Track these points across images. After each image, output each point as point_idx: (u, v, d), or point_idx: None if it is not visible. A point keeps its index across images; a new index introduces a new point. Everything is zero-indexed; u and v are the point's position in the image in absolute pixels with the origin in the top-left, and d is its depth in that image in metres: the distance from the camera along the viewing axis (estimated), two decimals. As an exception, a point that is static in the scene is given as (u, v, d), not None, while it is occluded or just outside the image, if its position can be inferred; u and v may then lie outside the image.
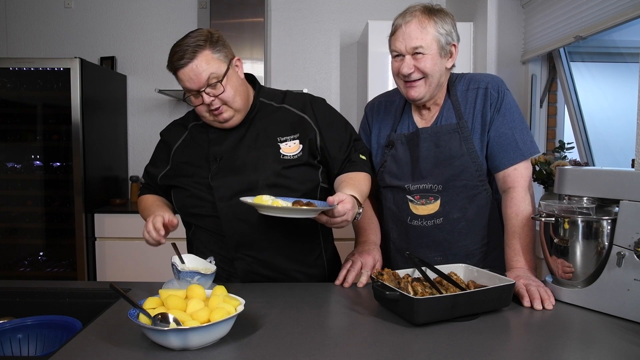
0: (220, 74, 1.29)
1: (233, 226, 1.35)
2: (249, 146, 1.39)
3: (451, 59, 1.39)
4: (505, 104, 1.39)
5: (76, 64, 2.92)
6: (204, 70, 1.28)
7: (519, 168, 1.38)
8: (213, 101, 1.30)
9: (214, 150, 1.39)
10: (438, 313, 1.05)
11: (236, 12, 3.29)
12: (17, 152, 3.16)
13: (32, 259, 3.20)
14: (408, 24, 1.34)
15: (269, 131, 1.40)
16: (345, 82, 3.64)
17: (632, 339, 0.98)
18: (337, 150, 1.43)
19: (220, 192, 1.35)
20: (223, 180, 1.36)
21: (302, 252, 1.43)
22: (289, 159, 1.37)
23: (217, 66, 1.29)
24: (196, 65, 1.28)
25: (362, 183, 1.39)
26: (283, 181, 1.36)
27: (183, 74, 1.30)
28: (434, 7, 1.37)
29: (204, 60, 1.28)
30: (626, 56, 2.51)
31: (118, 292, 1.00)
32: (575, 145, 2.50)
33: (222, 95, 1.30)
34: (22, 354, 1.14)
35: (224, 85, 1.30)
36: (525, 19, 2.84)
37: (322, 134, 1.41)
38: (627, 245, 1.08)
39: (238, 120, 1.38)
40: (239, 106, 1.35)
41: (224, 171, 1.37)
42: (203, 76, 1.28)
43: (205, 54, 1.28)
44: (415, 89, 1.38)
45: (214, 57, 1.29)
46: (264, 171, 1.36)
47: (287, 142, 1.39)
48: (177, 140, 1.48)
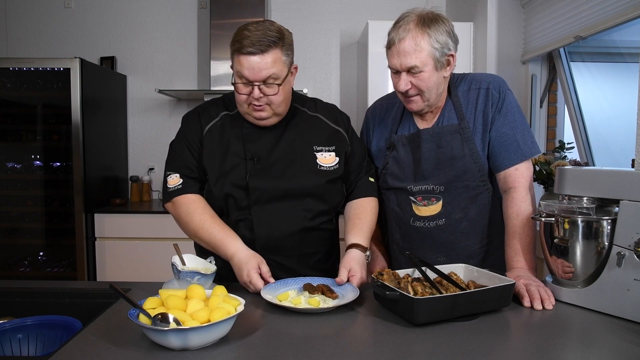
0: (281, 77, 1.28)
1: (264, 230, 1.35)
2: (285, 150, 1.38)
3: (449, 67, 1.37)
4: (506, 104, 1.39)
5: (76, 64, 2.92)
6: (268, 68, 1.25)
7: (520, 168, 1.38)
8: (261, 98, 1.28)
9: (250, 147, 1.37)
10: (438, 313, 1.05)
11: (236, 12, 3.29)
12: (17, 152, 3.16)
13: (32, 259, 3.19)
14: (402, 41, 1.31)
15: (305, 138, 1.41)
16: (345, 82, 3.64)
17: (632, 339, 0.98)
18: (357, 167, 1.48)
19: (256, 196, 1.34)
20: (261, 183, 1.34)
21: (322, 260, 1.46)
22: (327, 170, 1.39)
23: (280, 69, 1.27)
24: (264, 60, 1.24)
25: (369, 219, 1.42)
26: (320, 192, 1.39)
27: (247, 61, 1.25)
28: (429, 16, 1.33)
29: (272, 58, 1.25)
30: (626, 56, 2.51)
31: (118, 292, 1.00)
32: (575, 145, 2.50)
33: (273, 97, 1.29)
34: (22, 354, 1.14)
35: (280, 89, 1.29)
36: (525, 19, 2.84)
37: (353, 150, 1.47)
38: (627, 245, 1.08)
39: (273, 122, 1.37)
40: (281, 111, 1.36)
41: (260, 173, 1.35)
42: (264, 73, 1.25)
43: (276, 53, 1.26)
44: (413, 104, 1.39)
45: (282, 59, 1.28)
46: (300, 180, 1.37)
47: (322, 152, 1.40)
48: (209, 123, 1.41)
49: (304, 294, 1.22)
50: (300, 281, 1.29)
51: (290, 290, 1.25)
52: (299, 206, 1.37)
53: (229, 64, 3.52)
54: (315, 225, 1.40)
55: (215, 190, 1.36)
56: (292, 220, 1.37)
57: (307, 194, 1.37)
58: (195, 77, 3.60)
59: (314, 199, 1.38)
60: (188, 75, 3.61)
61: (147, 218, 3.05)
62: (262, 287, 1.22)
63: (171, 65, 3.62)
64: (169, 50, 3.61)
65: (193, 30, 3.60)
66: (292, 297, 1.21)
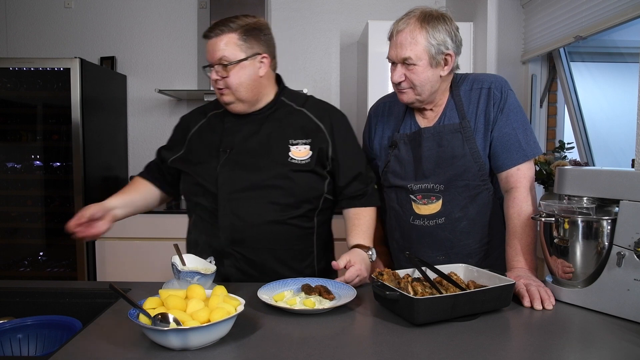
0: (232, 60, 1.35)
1: (230, 220, 1.37)
2: (260, 142, 1.41)
3: (446, 67, 1.37)
4: (508, 104, 1.39)
5: (76, 64, 2.92)
6: (219, 50, 1.34)
7: (522, 168, 1.38)
8: (218, 80, 1.36)
9: (226, 140, 1.42)
10: (438, 313, 1.05)
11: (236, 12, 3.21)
12: (17, 152, 3.15)
13: (32, 259, 3.19)
14: (400, 33, 1.34)
15: (283, 131, 1.42)
16: (345, 82, 3.63)
17: (632, 339, 0.98)
18: (349, 166, 1.45)
19: (224, 185, 1.38)
20: (229, 174, 1.38)
21: (293, 257, 1.43)
22: (297, 163, 1.39)
23: (232, 52, 1.35)
24: (216, 42, 1.35)
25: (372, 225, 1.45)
26: (286, 183, 1.37)
27: (206, 44, 1.38)
28: (433, 14, 1.35)
29: (224, 41, 1.35)
30: (626, 56, 2.51)
31: (118, 292, 1.00)
32: (575, 145, 2.50)
33: (228, 79, 1.35)
34: (22, 354, 1.14)
35: (229, 71, 1.35)
36: (525, 19, 2.84)
37: (335, 146, 1.43)
38: (627, 245, 1.08)
39: (241, 108, 1.41)
40: (242, 97, 1.38)
41: (231, 164, 1.39)
42: (217, 54, 1.35)
43: (230, 37, 1.35)
44: (404, 95, 1.41)
45: (237, 43, 1.36)
46: (268, 171, 1.37)
47: (297, 145, 1.41)
48: (195, 125, 1.51)
49: (300, 295, 1.22)
50: (299, 282, 1.29)
51: (287, 291, 1.25)
52: (264, 198, 1.37)
53: (229, 64, 3.49)
54: (284, 220, 1.38)
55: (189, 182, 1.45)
56: (257, 211, 1.37)
57: (273, 185, 1.37)
58: (195, 77, 3.60)
59: (280, 192, 1.37)
60: (188, 75, 3.61)
61: (147, 218, 3.04)
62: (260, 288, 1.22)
63: (171, 65, 3.62)
64: (169, 50, 3.61)
65: (193, 30, 3.60)
66: (288, 297, 1.21)
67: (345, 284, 1.26)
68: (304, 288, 1.24)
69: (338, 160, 1.44)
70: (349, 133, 1.50)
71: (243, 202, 1.36)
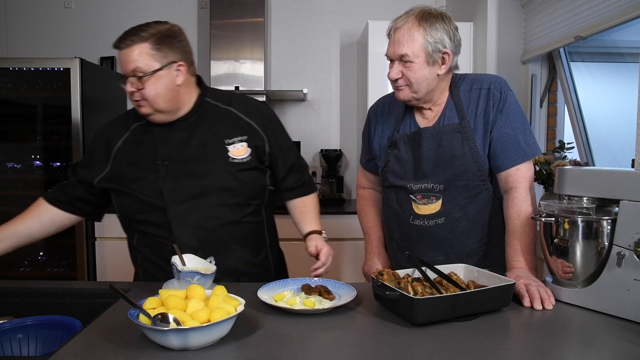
0: (147, 71, 1.29)
1: (185, 231, 1.36)
2: (197, 148, 1.39)
3: (444, 65, 1.37)
4: (508, 104, 1.39)
5: (76, 64, 2.92)
6: (132, 61, 1.29)
7: (521, 168, 1.38)
8: (134, 92, 1.32)
9: (160, 152, 1.38)
10: (438, 313, 1.05)
11: (236, 12, 3.29)
12: (17, 152, 3.15)
13: (32, 259, 3.19)
14: (398, 30, 1.35)
15: (217, 133, 1.41)
16: (345, 82, 3.64)
17: (632, 339, 0.98)
18: (285, 158, 1.50)
19: (171, 197, 1.35)
20: (173, 185, 1.36)
21: (250, 252, 1.45)
22: (239, 163, 1.40)
23: (146, 62, 1.29)
24: (128, 53, 1.29)
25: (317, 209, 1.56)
26: (234, 184, 1.39)
27: (118, 55, 1.32)
28: (432, 12, 1.36)
29: (137, 51, 1.29)
30: (626, 56, 2.51)
31: (118, 292, 1.00)
32: (575, 145, 2.50)
33: (142, 91, 1.31)
34: (22, 354, 1.14)
35: (144, 83, 1.30)
36: (525, 19, 2.84)
37: (269, 140, 1.46)
38: (627, 245, 1.08)
39: (162, 118, 1.37)
40: (161, 107, 1.34)
41: (173, 174, 1.37)
42: (130, 66, 1.29)
43: (142, 47, 1.29)
44: (401, 92, 1.41)
45: (150, 53, 1.30)
46: (215, 175, 1.38)
47: (234, 144, 1.40)
48: (119, 140, 1.44)
49: (300, 295, 1.22)
50: (299, 282, 1.29)
51: (287, 291, 1.25)
52: (215, 202, 1.37)
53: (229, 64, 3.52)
54: (238, 219, 1.40)
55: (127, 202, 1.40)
56: (211, 216, 1.37)
57: (221, 188, 1.38)
58: (195, 77, 3.60)
59: (230, 193, 1.38)
60: (188, 75, 3.61)
61: (147, 218, 3.04)
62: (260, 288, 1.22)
63: (171, 65, 3.62)
64: (169, 50, 3.61)
65: (193, 30, 3.60)
66: (288, 297, 1.21)
67: (345, 283, 1.27)
68: (304, 288, 1.24)
69: (275, 155, 1.47)
70: (279, 125, 1.53)
71: (195, 210, 1.36)
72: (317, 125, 3.64)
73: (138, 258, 1.47)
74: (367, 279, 1.58)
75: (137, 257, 1.47)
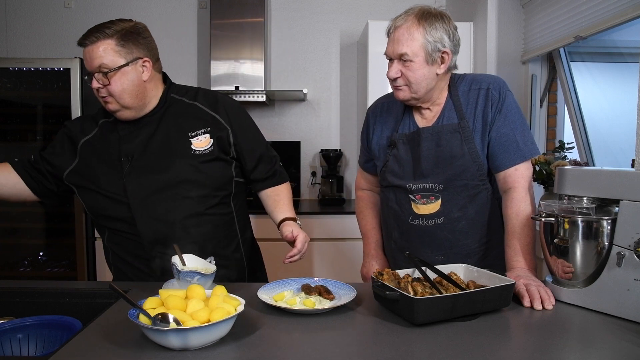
0: (112, 67, 1.31)
1: (149, 226, 1.36)
2: (160, 143, 1.39)
3: (443, 65, 1.37)
4: (506, 104, 1.39)
5: (76, 64, 2.92)
6: (97, 57, 1.30)
7: (519, 168, 1.38)
8: (101, 89, 1.33)
9: (125, 148, 1.39)
10: (438, 313, 1.05)
11: (236, 12, 3.29)
12: (17, 152, 3.15)
13: (32, 259, 3.19)
14: (397, 29, 1.35)
15: (180, 127, 1.41)
16: (345, 82, 3.64)
17: (632, 339, 0.98)
18: (252, 149, 1.48)
19: (134, 193, 1.36)
20: (137, 180, 1.37)
21: (219, 245, 1.44)
22: (201, 154, 1.39)
23: (111, 59, 1.31)
24: (93, 49, 1.31)
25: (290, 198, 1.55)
26: (196, 176, 1.38)
27: (83, 52, 1.34)
28: (431, 12, 1.36)
29: (102, 48, 1.30)
30: (626, 56, 2.51)
31: (118, 292, 1.00)
32: (575, 145, 2.51)
33: (108, 87, 1.32)
34: (22, 354, 1.14)
35: (109, 79, 1.31)
36: (525, 19, 2.84)
37: (234, 131, 1.44)
38: (627, 245, 1.08)
39: (129, 115, 1.38)
40: (127, 103, 1.35)
41: (137, 171, 1.37)
42: (95, 62, 1.30)
43: (107, 43, 1.31)
44: (400, 92, 1.41)
45: (115, 49, 1.31)
46: (175, 168, 1.37)
47: (198, 136, 1.40)
48: (86, 135, 1.45)
49: (300, 295, 1.22)
50: (298, 282, 1.29)
51: (287, 291, 1.25)
52: (178, 195, 1.37)
53: (229, 64, 3.52)
54: (202, 211, 1.39)
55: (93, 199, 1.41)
56: (174, 209, 1.37)
57: (183, 180, 1.37)
58: (195, 77, 3.61)
59: (192, 185, 1.37)
60: (188, 75, 3.61)
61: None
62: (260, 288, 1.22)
63: (171, 65, 3.60)
64: (168, 50, 3.61)
65: (193, 30, 3.60)
66: (288, 297, 1.21)
67: (345, 283, 1.27)
68: (304, 288, 1.24)
69: (240, 145, 1.46)
70: (245, 117, 1.52)
71: (158, 204, 1.36)
72: (317, 125, 3.65)
73: (109, 257, 1.48)
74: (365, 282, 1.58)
75: (109, 256, 1.48)
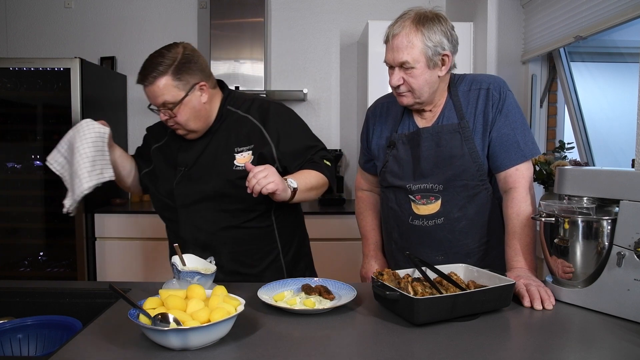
0: (175, 102, 1.36)
1: (190, 232, 1.45)
2: (209, 156, 1.46)
3: (444, 67, 1.37)
4: (507, 104, 1.39)
5: (76, 64, 2.92)
6: (160, 96, 1.36)
7: (520, 168, 1.38)
8: (168, 120, 1.41)
9: (181, 157, 1.48)
10: (438, 313, 1.05)
11: (236, 12, 3.29)
12: (17, 152, 3.15)
13: (32, 259, 3.19)
14: (395, 37, 1.34)
15: (229, 141, 1.46)
16: (345, 82, 3.64)
17: (632, 339, 0.98)
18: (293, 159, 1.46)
19: (179, 200, 1.45)
20: (184, 189, 1.45)
21: (255, 255, 1.49)
22: (241, 170, 1.41)
23: (172, 95, 1.36)
24: (153, 90, 1.37)
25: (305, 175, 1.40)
26: (232, 191, 1.41)
27: (144, 90, 1.40)
28: (427, 15, 1.34)
29: (161, 86, 1.35)
30: (626, 56, 2.51)
31: (118, 292, 1.00)
32: (575, 145, 2.50)
33: (175, 118, 1.39)
34: (22, 354, 1.14)
35: (176, 112, 1.38)
36: (525, 19, 2.84)
37: (278, 146, 1.45)
38: (627, 245, 1.08)
39: (197, 135, 1.46)
40: (194, 128, 1.43)
41: (185, 180, 1.46)
42: (159, 100, 1.37)
43: (164, 81, 1.35)
44: (404, 98, 1.41)
45: (173, 84, 1.36)
46: (215, 182, 1.42)
47: (242, 152, 1.44)
48: (158, 142, 1.57)
49: (300, 295, 1.22)
50: (299, 282, 1.29)
51: (287, 291, 1.25)
52: (216, 207, 1.43)
53: (229, 64, 3.52)
54: (238, 224, 1.45)
55: (155, 199, 1.54)
56: (212, 220, 1.44)
57: (221, 194, 1.42)
58: (195, 77, 3.60)
59: (230, 199, 1.42)
60: (188, 75, 3.61)
61: (147, 218, 3.05)
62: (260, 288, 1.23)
63: (171, 65, 3.62)
64: (169, 50, 3.61)
65: (193, 30, 3.60)
66: (288, 297, 1.21)
67: (345, 283, 1.27)
68: (304, 288, 1.24)
69: (284, 154, 1.45)
70: (291, 123, 1.52)
71: (198, 213, 1.44)
72: (317, 125, 3.64)
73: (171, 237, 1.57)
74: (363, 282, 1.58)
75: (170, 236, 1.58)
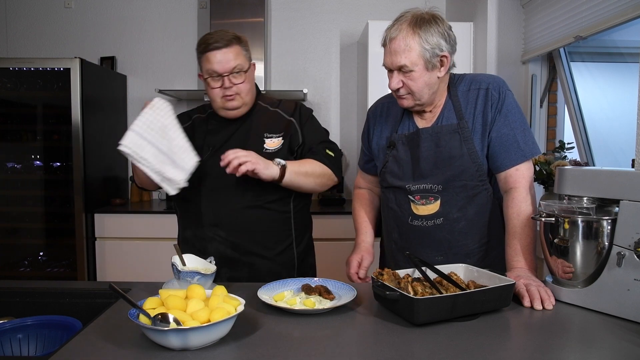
0: (245, 68, 1.49)
1: (211, 207, 1.50)
2: (239, 140, 1.52)
3: (443, 68, 1.36)
4: (506, 104, 1.39)
5: (76, 64, 2.92)
6: (233, 59, 1.46)
7: (520, 168, 1.38)
8: (231, 87, 1.47)
9: (209, 139, 1.55)
10: (438, 313, 1.05)
11: (236, 12, 3.29)
12: (17, 152, 3.15)
13: (32, 259, 3.19)
14: (393, 40, 1.34)
15: (260, 128, 1.55)
16: (345, 82, 3.64)
17: (632, 339, 0.98)
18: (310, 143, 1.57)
19: (205, 178, 1.50)
20: (210, 169, 1.49)
21: (272, 239, 1.54)
22: (270, 153, 1.50)
23: (243, 61, 1.49)
24: (228, 52, 1.45)
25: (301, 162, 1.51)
26: None
27: (214, 55, 1.45)
28: (424, 17, 1.34)
29: (235, 51, 1.47)
30: (626, 56, 2.51)
31: (118, 292, 1.00)
32: (575, 145, 2.50)
33: (241, 85, 1.48)
34: (22, 354, 1.14)
35: (245, 77, 1.49)
36: (525, 19, 2.84)
37: (303, 131, 1.57)
38: (627, 245, 1.08)
39: (243, 111, 1.54)
40: (248, 100, 1.53)
41: (212, 159, 1.48)
42: (231, 64, 1.46)
43: (237, 48, 1.48)
44: (404, 100, 1.42)
45: (243, 53, 1.50)
46: None
47: (272, 138, 1.54)
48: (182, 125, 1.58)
49: (300, 295, 1.22)
50: (299, 282, 1.29)
51: (287, 291, 1.25)
52: (240, 186, 1.48)
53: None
54: (260, 204, 1.50)
55: None
56: (234, 197, 1.49)
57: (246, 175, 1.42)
58: (195, 77, 3.60)
59: (255, 179, 1.43)
60: (188, 75, 3.61)
61: (147, 218, 3.05)
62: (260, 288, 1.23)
63: (171, 65, 3.62)
64: (169, 50, 3.61)
65: (193, 30, 3.60)
66: (288, 297, 1.21)
67: (345, 283, 1.27)
68: (304, 288, 1.24)
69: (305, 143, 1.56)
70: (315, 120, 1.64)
71: (221, 191, 1.49)
72: (317, 125, 3.64)
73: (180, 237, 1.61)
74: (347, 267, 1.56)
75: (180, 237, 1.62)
